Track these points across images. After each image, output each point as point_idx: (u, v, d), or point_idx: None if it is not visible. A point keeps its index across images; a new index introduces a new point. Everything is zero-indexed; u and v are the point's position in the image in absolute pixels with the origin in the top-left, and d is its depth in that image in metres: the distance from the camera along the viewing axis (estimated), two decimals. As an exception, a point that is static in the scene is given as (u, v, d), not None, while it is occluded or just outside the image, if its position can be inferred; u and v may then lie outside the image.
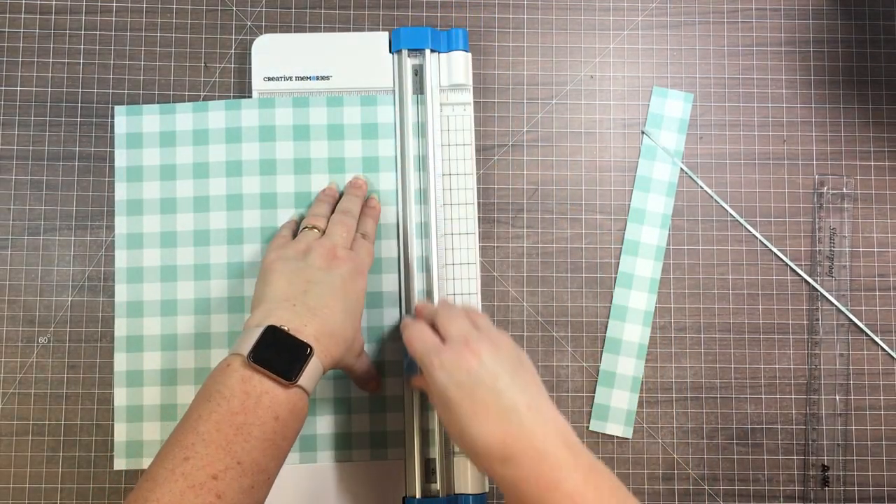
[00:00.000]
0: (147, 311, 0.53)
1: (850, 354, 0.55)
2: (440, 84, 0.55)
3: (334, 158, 0.54)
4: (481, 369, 0.41)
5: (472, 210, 0.55)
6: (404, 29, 0.54)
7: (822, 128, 0.57)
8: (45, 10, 0.56)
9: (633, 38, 0.58)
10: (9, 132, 0.55)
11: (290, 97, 0.54)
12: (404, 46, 0.54)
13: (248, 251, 0.53)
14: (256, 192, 0.53)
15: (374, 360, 0.52)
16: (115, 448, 0.52)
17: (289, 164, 0.54)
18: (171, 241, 0.53)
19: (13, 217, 0.55)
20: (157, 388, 0.52)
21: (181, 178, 0.54)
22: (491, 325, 0.45)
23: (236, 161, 0.54)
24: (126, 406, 0.52)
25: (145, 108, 0.55)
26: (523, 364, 0.43)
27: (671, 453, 0.54)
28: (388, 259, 0.54)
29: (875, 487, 0.54)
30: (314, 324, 0.43)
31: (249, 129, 0.54)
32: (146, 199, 0.54)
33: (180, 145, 0.54)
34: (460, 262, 0.54)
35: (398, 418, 0.52)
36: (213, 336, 0.53)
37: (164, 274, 0.53)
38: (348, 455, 0.52)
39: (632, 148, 0.57)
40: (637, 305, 0.55)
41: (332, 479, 0.52)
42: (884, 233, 0.56)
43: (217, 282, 0.53)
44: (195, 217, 0.54)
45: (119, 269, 0.53)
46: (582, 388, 0.55)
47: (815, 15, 0.58)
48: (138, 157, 0.54)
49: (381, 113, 0.55)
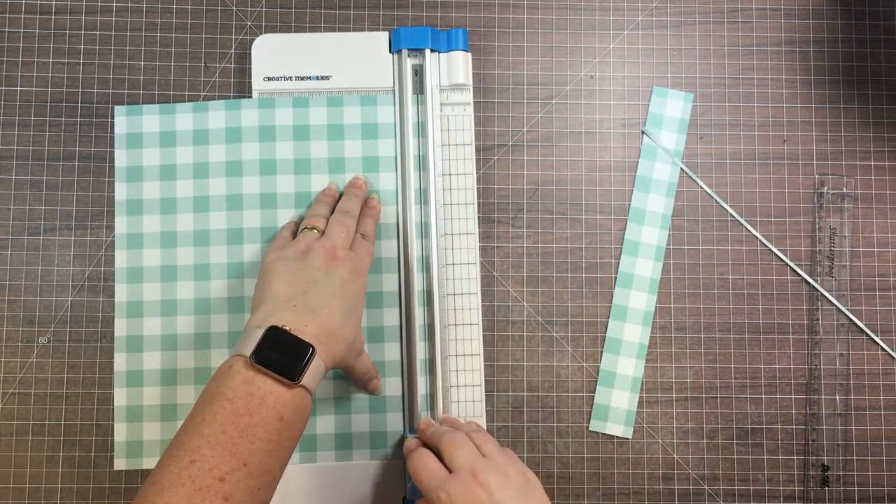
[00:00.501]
0: (147, 311, 0.53)
1: (850, 354, 0.55)
2: (440, 84, 0.55)
3: (334, 158, 0.54)
4: (490, 502, 0.40)
5: (472, 210, 0.55)
6: (404, 29, 0.54)
7: (822, 128, 0.57)
8: (45, 10, 0.56)
9: (633, 38, 0.57)
10: (9, 132, 0.55)
11: (291, 97, 0.54)
12: (404, 46, 0.54)
13: (248, 251, 0.53)
14: (256, 193, 0.53)
15: (375, 361, 0.52)
16: (115, 448, 0.52)
17: (289, 164, 0.54)
18: (171, 242, 0.53)
19: (13, 217, 0.55)
20: (157, 388, 0.52)
21: (181, 179, 0.54)
22: (497, 448, 0.44)
23: (236, 161, 0.54)
24: (126, 406, 0.52)
25: (145, 108, 0.55)
26: (531, 487, 0.42)
27: (671, 453, 0.54)
28: (388, 259, 0.54)
29: (875, 487, 0.54)
30: (315, 324, 0.43)
31: (249, 129, 0.54)
32: (146, 199, 0.54)
33: (180, 145, 0.54)
34: (460, 262, 0.54)
35: (398, 418, 0.53)
36: (213, 336, 0.53)
37: (164, 274, 0.53)
38: (348, 455, 0.52)
39: (632, 148, 0.57)
40: (637, 305, 0.55)
41: (333, 479, 0.52)
42: (884, 233, 0.56)
43: (217, 282, 0.53)
44: (195, 217, 0.54)
45: (119, 270, 0.53)
46: (582, 388, 0.55)
47: (815, 15, 0.58)
48: (138, 157, 0.54)
49: (381, 113, 0.55)
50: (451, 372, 0.54)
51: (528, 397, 0.55)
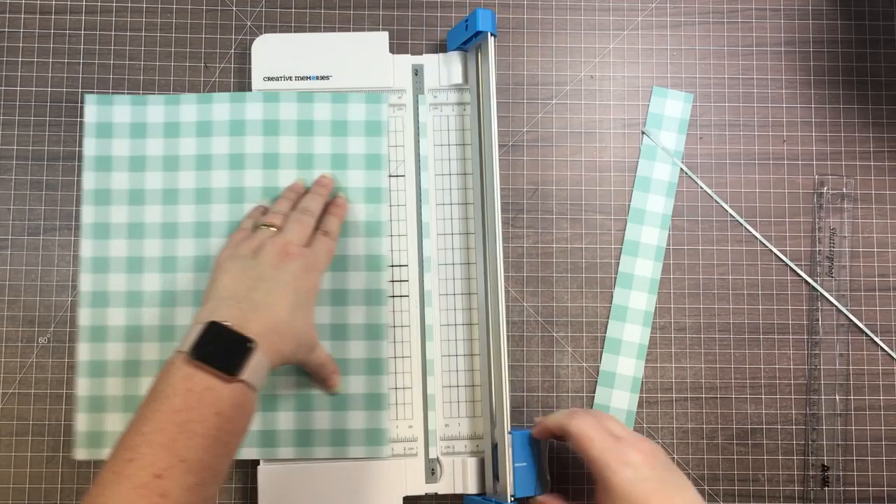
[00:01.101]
0: (112, 301, 0.53)
1: (850, 354, 0.55)
2: (440, 84, 0.55)
3: (303, 154, 0.54)
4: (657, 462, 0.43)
5: (472, 210, 0.55)
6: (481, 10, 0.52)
7: (822, 128, 0.57)
8: (45, 10, 0.56)
9: (633, 38, 0.57)
10: (9, 132, 0.55)
11: (261, 93, 0.54)
12: (489, 28, 0.52)
13: (215, 245, 0.53)
14: (225, 187, 0.53)
15: (338, 359, 0.52)
16: (77, 438, 0.52)
17: (258, 159, 0.54)
18: (139, 233, 0.53)
19: (13, 217, 0.55)
20: (120, 378, 0.52)
21: (151, 170, 0.54)
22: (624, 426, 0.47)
23: (206, 155, 0.54)
24: (88, 396, 0.52)
25: (115, 97, 0.54)
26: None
27: (671, 453, 0.54)
28: (354, 257, 0.53)
29: (875, 487, 0.54)
30: (259, 320, 0.43)
31: (220, 124, 0.54)
32: (114, 189, 0.54)
33: (151, 137, 0.54)
34: (460, 262, 0.54)
35: (360, 416, 0.52)
36: (178, 328, 0.53)
37: (130, 265, 0.53)
38: (309, 452, 0.52)
39: (632, 148, 0.57)
40: (637, 305, 0.55)
41: (333, 479, 0.52)
42: (884, 233, 0.56)
43: (183, 275, 0.53)
44: (163, 209, 0.53)
45: (84, 259, 0.53)
46: (582, 388, 0.55)
47: (815, 15, 0.58)
48: (108, 146, 0.54)
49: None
50: (452, 372, 0.54)
51: (528, 397, 0.55)
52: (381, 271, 0.53)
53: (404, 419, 0.53)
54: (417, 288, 0.54)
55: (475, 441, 0.53)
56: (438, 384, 0.54)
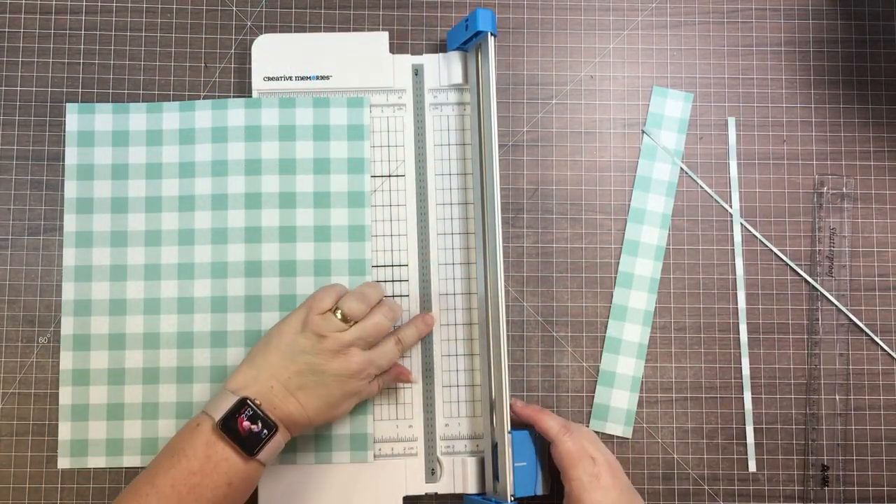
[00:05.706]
0: (95, 309, 0.53)
1: (850, 354, 0.55)
2: (440, 84, 0.55)
3: (285, 159, 0.54)
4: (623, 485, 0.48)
5: (472, 210, 0.55)
6: (481, 10, 0.52)
7: (822, 128, 0.57)
8: (45, 10, 0.56)
9: (633, 38, 0.58)
10: (9, 132, 0.55)
11: (242, 100, 0.54)
12: (488, 29, 0.52)
13: (198, 252, 0.53)
14: (208, 194, 0.53)
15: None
16: (59, 447, 0.52)
17: (240, 165, 0.53)
18: (122, 241, 0.53)
19: (13, 217, 0.55)
20: (104, 387, 0.52)
21: (133, 178, 0.54)
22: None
23: (189, 162, 0.54)
24: (71, 405, 0.52)
25: (98, 106, 0.55)
26: None
27: (671, 453, 0.54)
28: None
29: (875, 487, 0.54)
30: (285, 408, 0.45)
31: (203, 131, 0.54)
32: (97, 197, 0.54)
33: (133, 145, 0.54)
34: (460, 262, 0.54)
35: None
36: (162, 336, 0.53)
37: (113, 273, 0.53)
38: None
39: (632, 148, 0.57)
40: (637, 305, 0.55)
41: (333, 479, 0.52)
42: (884, 233, 0.56)
43: (167, 282, 0.53)
44: (147, 217, 0.54)
45: (67, 268, 0.53)
46: (582, 388, 0.55)
47: (815, 15, 0.58)
48: (90, 155, 0.54)
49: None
50: (452, 372, 0.54)
51: (528, 397, 0.55)
52: (365, 275, 0.53)
53: (404, 419, 0.53)
54: (417, 288, 0.54)
55: (475, 441, 0.53)
56: (438, 384, 0.54)
